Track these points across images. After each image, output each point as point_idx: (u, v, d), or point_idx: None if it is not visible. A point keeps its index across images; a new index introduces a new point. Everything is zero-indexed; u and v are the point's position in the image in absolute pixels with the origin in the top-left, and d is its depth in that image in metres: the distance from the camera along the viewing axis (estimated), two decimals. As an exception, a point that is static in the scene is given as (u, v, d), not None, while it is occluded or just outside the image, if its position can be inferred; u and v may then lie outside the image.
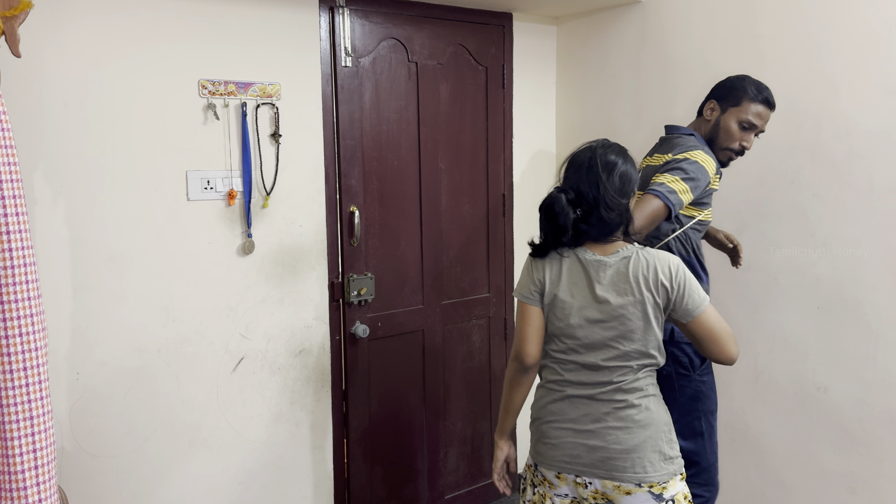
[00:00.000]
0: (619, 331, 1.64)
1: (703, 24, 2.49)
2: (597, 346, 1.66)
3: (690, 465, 2.11)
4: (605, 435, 1.65)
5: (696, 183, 1.98)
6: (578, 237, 1.68)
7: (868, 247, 2.13)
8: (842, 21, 2.13)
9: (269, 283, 2.37)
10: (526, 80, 2.97)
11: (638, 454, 1.64)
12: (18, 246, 1.43)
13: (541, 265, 1.73)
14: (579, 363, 1.68)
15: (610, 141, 1.73)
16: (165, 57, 2.11)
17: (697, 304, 1.63)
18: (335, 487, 2.59)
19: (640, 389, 1.67)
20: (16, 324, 1.43)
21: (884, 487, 2.15)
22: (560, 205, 1.64)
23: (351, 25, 2.45)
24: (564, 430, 1.69)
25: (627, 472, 1.63)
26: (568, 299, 1.68)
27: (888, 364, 2.12)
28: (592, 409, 1.67)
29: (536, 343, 1.73)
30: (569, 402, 1.70)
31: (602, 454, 1.65)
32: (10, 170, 1.42)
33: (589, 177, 1.65)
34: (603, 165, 1.65)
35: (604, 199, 1.63)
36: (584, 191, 1.65)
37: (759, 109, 2.04)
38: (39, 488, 1.47)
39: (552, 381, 1.74)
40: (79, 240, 2.03)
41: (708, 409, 2.10)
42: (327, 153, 2.45)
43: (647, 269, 1.63)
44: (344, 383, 2.58)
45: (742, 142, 2.07)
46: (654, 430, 1.66)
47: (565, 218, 1.64)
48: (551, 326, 1.73)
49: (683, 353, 2.06)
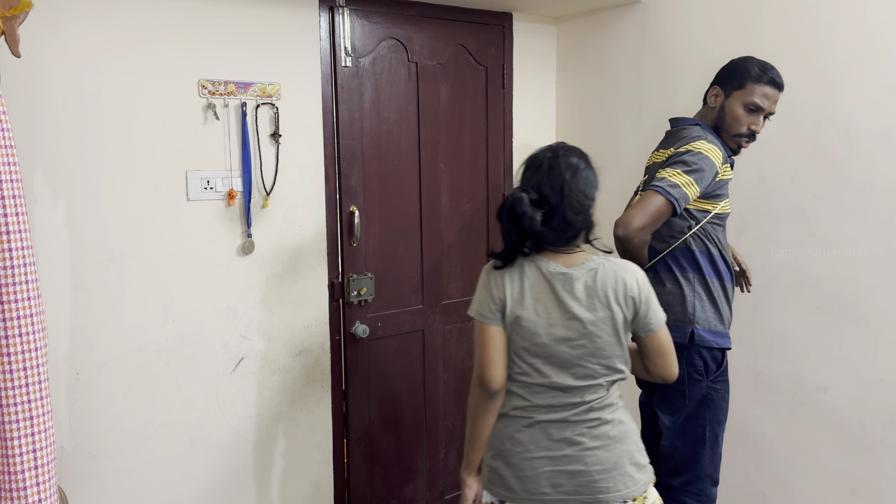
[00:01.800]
0: (589, 348, 1.56)
1: (703, 24, 2.49)
2: (565, 365, 1.57)
3: (685, 471, 2.05)
4: (585, 457, 1.57)
5: (701, 174, 1.90)
6: (540, 243, 1.58)
7: (868, 247, 2.13)
8: (842, 21, 2.13)
9: (269, 283, 2.37)
10: (526, 80, 2.97)
11: (619, 470, 1.58)
12: (18, 246, 1.43)
13: (500, 280, 1.60)
14: (547, 385, 1.58)
15: (570, 144, 1.66)
16: (165, 57, 2.11)
17: (659, 319, 1.60)
18: (335, 487, 2.59)
19: (613, 404, 1.61)
20: (16, 324, 1.43)
21: (884, 487, 2.15)
22: (523, 205, 1.53)
23: (351, 25, 2.45)
24: (540, 459, 1.59)
25: (611, 491, 1.57)
26: (533, 317, 1.56)
27: (888, 364, 2.12)
28: (567, 432, 1.58)
29: (502, 366, 1.59)
30: (539, 429, 1.59)
31: (584, 478, 1.57)
32: (10, 170, 1.42)
33: (551, 177, 1.56)
34: (566, 167, 1.57)
35: (569, 200, 1.54)
36: (547, 192, 1.55)
37: (765, 90, 1.97)
38: (39, 488, 1.47)
39: (517, 407, 1.62)
40: (79, 240, 2.03)
41: (715, 418, 2.03)
42: (327, 153, 2.45)
43: (616, 281, 1.56)
44: (344, 383, 2.58)
45: (750, 125, 1.98)
46: (628, 443, 1.61)
47: (530, 220, 1.52)
48: (515, 347, 1.60)
49: (700, 357, 2.00)
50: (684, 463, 2.05)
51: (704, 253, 2.01)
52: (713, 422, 2.03)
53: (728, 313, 2.06)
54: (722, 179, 1.98)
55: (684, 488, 2.05)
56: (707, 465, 2.04)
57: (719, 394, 2.03)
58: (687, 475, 2.05)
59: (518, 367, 1.61)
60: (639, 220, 1.88)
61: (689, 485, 2.05)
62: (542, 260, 1.59)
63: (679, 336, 2.01)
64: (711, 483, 2.06)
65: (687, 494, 2.05)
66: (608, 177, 2.88)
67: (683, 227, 2.01)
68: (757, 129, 2.00)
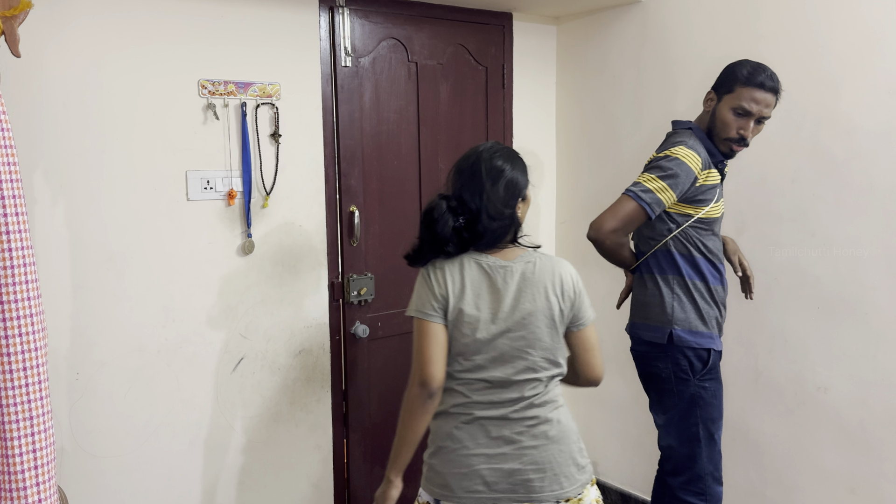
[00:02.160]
0: (528, 340, 1.57)
1: (703, 24, 2.49)
2: (505, 358, 1.58)
3: (684, 470, 2.06)
4: (521, 456, 1.57)
5: (676, 180, 1.92)
6: (464, 246, 1.60)
7: (868, 247, 2.13)
8: (842, 21, 2.13)
9: (269, 283, 2.37)
10: (526, 80, 2.97)
11: (554, 471, 1.58)
12: (18, 246, 1.43)
13: (441, 278, 1.60)
14: (487, 380, 1.59)
15: (500, 145, 1.65)
16: (165, 57, 2.11)
17: (588, 315, 1.63)
18: (335, 487, 2.59)
19: (552, 402, 1.62)
20: (16, 324, 1.43)
21: (884, 487, 2.15)
22: (439, 211, 1.56)
23: (351, 25, 2.45)
24: (477, 456, 1.58)
25: (546, 490, 1.57)
26: (474, 312, 1.57)
27: (888, 364, 2.12)
28: (505, 430, 1.58)
29: (442, 364, 1.59)
30: (478, 426, 1.59)
31: (519, 477, 1.57)
32: (10, 170, 1.42)
33: (472, 184, 1.57)
34: (487, 172, 1.57)
35: (486, 208, 1.56)
36: (467, 199, 1.57)
37: (754, 94, 1.94)
38: (39, 488, 1.47)
39: (457, 404, 1.61)
40: (79, 240, 2.03)
41: (708, 417, 2.04)
42: (327, 153, 2.45)
43: (553, 275, 1.59)
44: (344, 383, 2.58)
45: (739, 130, 1.97)
46: (568, 443, 1.61)
47: (443, 226, 1.55)
48: (456, 344, 1.60)
49: (684, 357, 2.02)
50: (683, 462, 2.07)
51: (685, 256, 2.03)
52: (706, 420, 2.04)
53: (714, 314, 2.06)
54: (704, 185, 1.98)
55: (686, 487, 2.06)
56: (706, 463, 2.05)
57: (709, 392, 2.04)
58: (687, 474, 2.06)
59: (458, 364, 1.62)
60: (609, 223, 1.95)
61: (689, 484, 2.06)
62: (480, 255, 1.62)
63: (658, 336, 2.05)
64: (714, 481, 2.07)
65: (689, 493, 2.06)
66: (608, 177, 2.88)
67: (663, 230, 2.04)
68: (746, 133, 1.97)
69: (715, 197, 2.02)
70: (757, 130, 2.00)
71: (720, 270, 2.08)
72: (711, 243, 2.05)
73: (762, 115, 1.97)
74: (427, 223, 1.59)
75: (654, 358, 2.08)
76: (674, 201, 1.97)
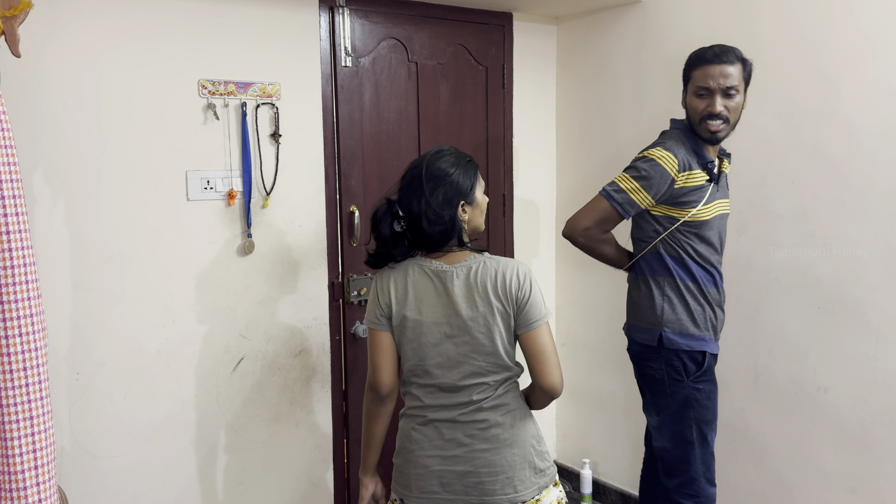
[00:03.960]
0: (472, 345, 1.57)
1: (703, 24, 2.49)
2: (451, 363, 1.59)
3: (679, 472, 2.05)
4: (473, 459, 1.58)
5: (649, 182, 1.93)
6: (409, 248, 1.63)
7: (868, 247, 2.13)
8: (842, 21, 2.13)
9: (269, 283, 2.37)
10: (526, 80, 2.97)
11: (507, 474, 1.58)
12: (18, 246, 1.43)
13: (385, 285, 1.64)
14: (436, 385, 1.61)
15: (452, 149, 1.65)
16: (165, 57, 2.11)
17: (535, 318, 1.57)
18: (335, 487, 2.59)
19: (503, 405, 1.61)
20: (16, 324, 1.43)
21: (884, 487, 2.15)
22: (380, 214, 1.61)
23: (351, 25, 2.45)
24: (431, 457, 1.61)
25: (498, 494, 1.58)
26: (417, 317, 1.60)
27: (888, 364, 2.12)
28: (457, 432, 1.60)
29: (390, 371, 1.65)
30: (433, 428, 1.62)
31: (472, 479, 1.58)
32: (10, 170, 1.42)
33: (412, 189, 1.59)
34: (428, 177, 1.58)
35: (425, 212, 1.57)
36: (408, 203, 1.59)
37: (706, 70, 1.96)
38: (39, 488, 1.47)
39: (413, 407, 1.66)
40: (78, 240, 2.03)
41: (702, 419, 2.03)
42: (327, 153, 2.45)
43: (495, 277, 1.57)
44: (344, 383, 2.58)
45: (708, 108, 1.96)
46: (522, 446, 1.61)
47: (386, 228, 1.59)
48: (404, 349, 1.63)
49: (677, 358, 2.01)
50: (677, 465, 2.06)
51: (676, 258, 2.02)
52: (699, 422, 2.03)
53: (707, 315, 2.04)
54: (685, 187, 1.96)
55: (680, 490, 2.05)
56: (699, 465, 2.04)
57: (703, 394, 2.03)
58: (681, 477, 2.05)
59: (410, 368, 1.64)
60: (582, 221, 1.99)
61: (684, 486, 2.05)
62: (425, 260, 1.63)
63: (648, 338, 2.05)
64: (707, 483, 2.06)
65: (683, 496, 2.05)
66: (608, 177, 2.87)
67: (650, 232, 2.04)
68: (713, 109, 1.95)
69: (703, 199, 1.99)
70: (732, 105, 1.97)
71: (713, 274, 2.06)
72: (703, 248, 2.02)
73: (725, 87, 1.95)
74: (371, 225, 1.63)
75: (647, 359, 2.07)
76: (650, 203, 1.97)
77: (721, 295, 2.11)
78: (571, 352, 3.12)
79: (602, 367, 2.96)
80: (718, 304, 2.09)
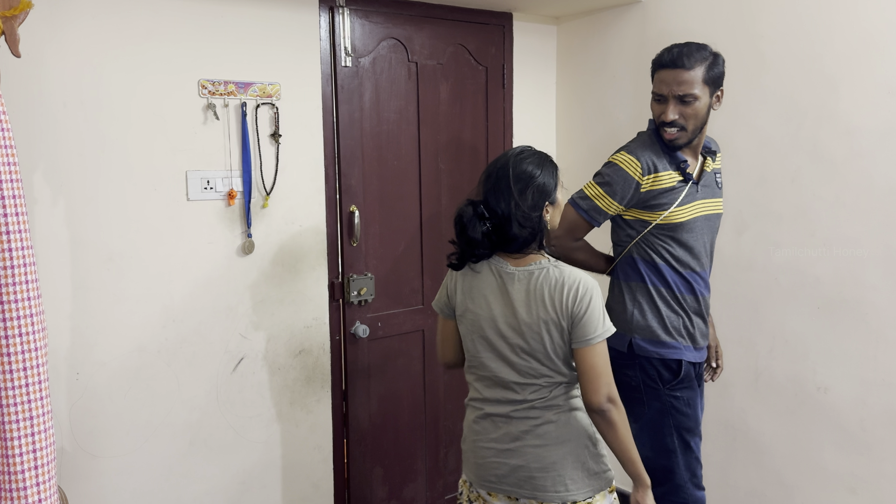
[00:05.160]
0: (526, 348, 1.60)
1: (703, 24, 2.49)
2: (507, 361, 1.62)
3: (664, 481, 2.02)
4: (525, 453, 1.62)
5: (612, 187, 1.92)
6: (492, 249, 1.64)
7: (868, 247, 2.13)
8: (842, 21, 2.13)
9: (269, 283, 2.37)
10: (526, 80, 2.97)
11: (558, 471, 1.60)
12: (18, 246, 1.43)
13: (455, 275, 1.71)
14: (492, 379, 1.66)
15: (532, 149, 1.66)
16: (165, 57, 2.11)
17: (588, 336, 1.55)
18: (335, 487, 2.59)
19: (557, 406, 1.62)
20: (16, 324, 1.43)
21: (884, 487, 2.15)
22: (467, 217, 1.61)
23: (351, 25, 2.45)
24: (488, 448, 1.67)
25: (549, 490, 1.60)
26: (477, 311, 1.65)
27: (888, 364, 2.12)
28: (511, 427, 1.64)
29: (449, 351, 1.77)
30: (490, 421, 1.67)
31: (524, 473, 1.62)
32: (10, 170, 1.42)
33: (498, 190, 1.59)
34: (515, 178, 1.59)
35: (515, 214, 1.58)
36: (493, 205, 1.59)
37: (660, 76, 1.90)
38: (39, 488, 1.47)
39: (474, 398, 1.72)
40: (78, 240, 2.03)
41: (682, 426, 1.99)
42: (327, 153, 2.45)
43: (555, 286, 1.57)
44: (344, 383, 2.58)
45: (660, 116, 1.91)
46: (575, 446, 1.61)
47: (473, 231, 1.59)
48: (465, 340, 1.70)
49: (651, 366, 1.98)
50: (661, 473, 2.02)
51: (648, 262, 1.98)
52: (679, 430, 2.00)
53: (681, 323, 1.99)
54: (654, 189, 1.92)
55: (667, 498, 2.03)
56: (683, 472, 2.01)
57: (682, 401, 1.99)
58: (666, 486, 2.03)
59: (471, 360, 1.71)
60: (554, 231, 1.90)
61: (670, 494, 2.03)
62: (497, 259, 1.66)
63: (619, 343, 2.02)
64: (695, 487, 2.04)
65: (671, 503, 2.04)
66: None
67: (623, 236, 2.03)
68: (665, 117, 1.89)
69: (675, 201, 1.94)
70: (689, 111, 1.89)
71: (691, 280, 1.99)
72: (681, 252, 1.97)
73: (680, 95, 1.87)
74: (458, 229, 1.64)
75: (623, 365, 2.01)
76: (619, 208, 1.95)
77: (701, 303, 2.03)
78: (571, 352, 3.12)
79: (602, 367, 2.96)
80: (697, 312, 2.02)
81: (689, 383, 2.01)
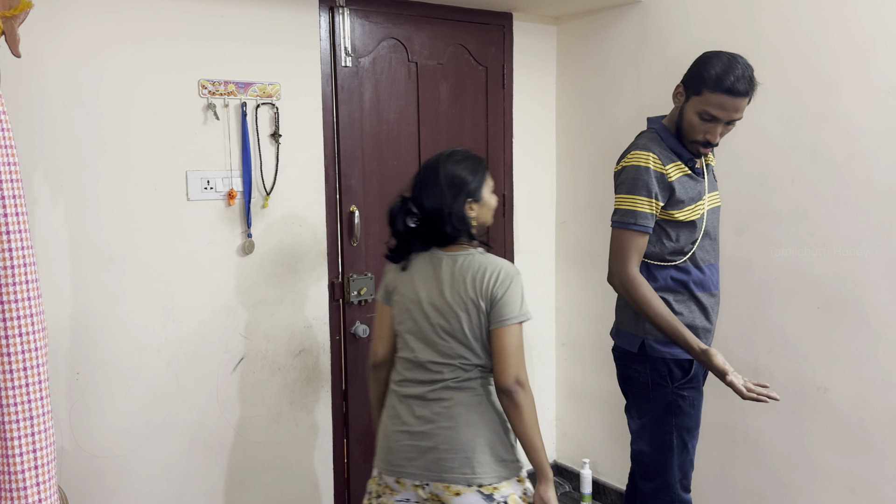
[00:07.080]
0: (446, 328, 1.67)
1: (702, 24, 2.49)
2: (428, 341, 1.69)
3: (655, 477, 2.02)
4: (436, 435, 1.65)
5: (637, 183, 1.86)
6: (427, 243, 1.73)
7: (868, 247, 2.13)
8: (842, 21, 2.13)
9: (269, 283, 2.37)
10: (526, 80, 2.97)
11: (466, 453, 1.63)
12: (18, 246, 1.43)
13: (395, 267, 1.78)
14: (413, 361, 1.71)
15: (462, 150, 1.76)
16: (165, 57, 2.11)
17: (504, 317, 1.62)
18: (335, 487, 2.59)
19: (471, 389, 1.67)
20: (16, 324, 1.43)
21: (884, 487, 2.15)
22: (395, 211, 1.72)
23: (351, 25, 2.45)
24: (402, 433, 1.70)
25: (455, 471, 1.63)
26: (406, 293, 1.72)
27: (888, 364, 2.12)
28: (425, 409, 1.68)
29: (384, 341, 1.79)
30: (406, 405, 1.71)
31: (433, 455, 1.65)
32: (10, 170, 1.42)
33: (425, 186, 1.70)
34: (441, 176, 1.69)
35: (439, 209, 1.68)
36: (420, 200, 1.70)
37: (721, 100, 1.79)
38: (39, 488, 1.47)
39: (395, 381, 1.76)
40: (78, 240, 2.03)
41: (683, 425, 1.98)
42: (327, 153, 2.45)
43: (478, 269, 1.66)
44: (344, 383, 2.58)
45: (706, 134, 1.85)
46: (486, 430, 1.65)
47: (400, 224, 1.70)
48: (395, 323, 1.76)
49: (664, 365, 1.97)
50: (654, 469, 2.02)
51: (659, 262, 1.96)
52: (680, 429, 1.99)
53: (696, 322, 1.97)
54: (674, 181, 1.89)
55: (655, 494, 2.02)
56: (676, 471, 2.00)
57: (687, 401, 1.98)
58: (657, 482, 2.02)
59: (399, 343, 1.76)
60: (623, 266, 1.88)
61: (659, 491, 2.02)
62: (434, 250, 1.74)
63: (629, 344, 2.01)
64: (683, 489, 2.03)
65: (658, 501, 2.02)
66: (608, 177, 2.87)
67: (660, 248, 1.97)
68: (712, 139, 1.86)
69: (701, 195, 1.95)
70: (727, 131, 1.89)
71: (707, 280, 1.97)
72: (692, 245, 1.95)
73: (730, 119, 1.85)
74: (388, 221, 1.74)
75: (632, 361, 2.02)
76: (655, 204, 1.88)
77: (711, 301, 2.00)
78: (571, 352, 3.12)
79: (602, 367, 2.96)
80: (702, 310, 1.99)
81: (696, 384, 2.01)
